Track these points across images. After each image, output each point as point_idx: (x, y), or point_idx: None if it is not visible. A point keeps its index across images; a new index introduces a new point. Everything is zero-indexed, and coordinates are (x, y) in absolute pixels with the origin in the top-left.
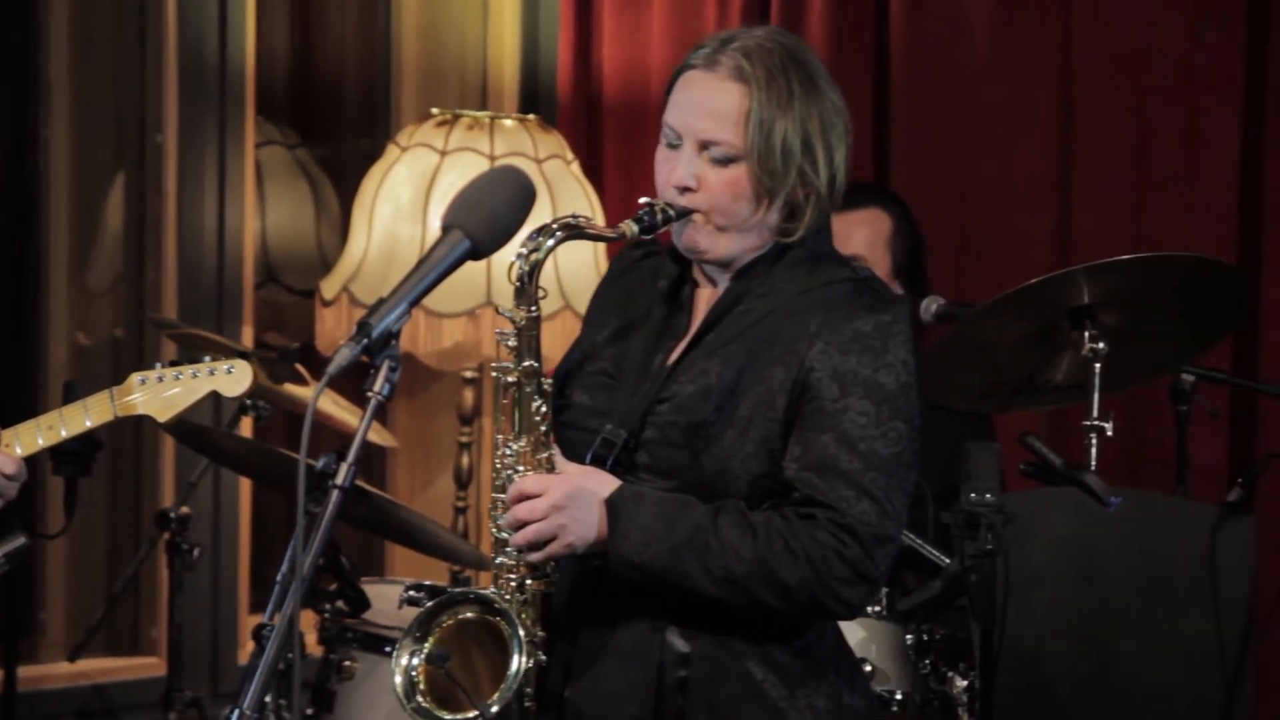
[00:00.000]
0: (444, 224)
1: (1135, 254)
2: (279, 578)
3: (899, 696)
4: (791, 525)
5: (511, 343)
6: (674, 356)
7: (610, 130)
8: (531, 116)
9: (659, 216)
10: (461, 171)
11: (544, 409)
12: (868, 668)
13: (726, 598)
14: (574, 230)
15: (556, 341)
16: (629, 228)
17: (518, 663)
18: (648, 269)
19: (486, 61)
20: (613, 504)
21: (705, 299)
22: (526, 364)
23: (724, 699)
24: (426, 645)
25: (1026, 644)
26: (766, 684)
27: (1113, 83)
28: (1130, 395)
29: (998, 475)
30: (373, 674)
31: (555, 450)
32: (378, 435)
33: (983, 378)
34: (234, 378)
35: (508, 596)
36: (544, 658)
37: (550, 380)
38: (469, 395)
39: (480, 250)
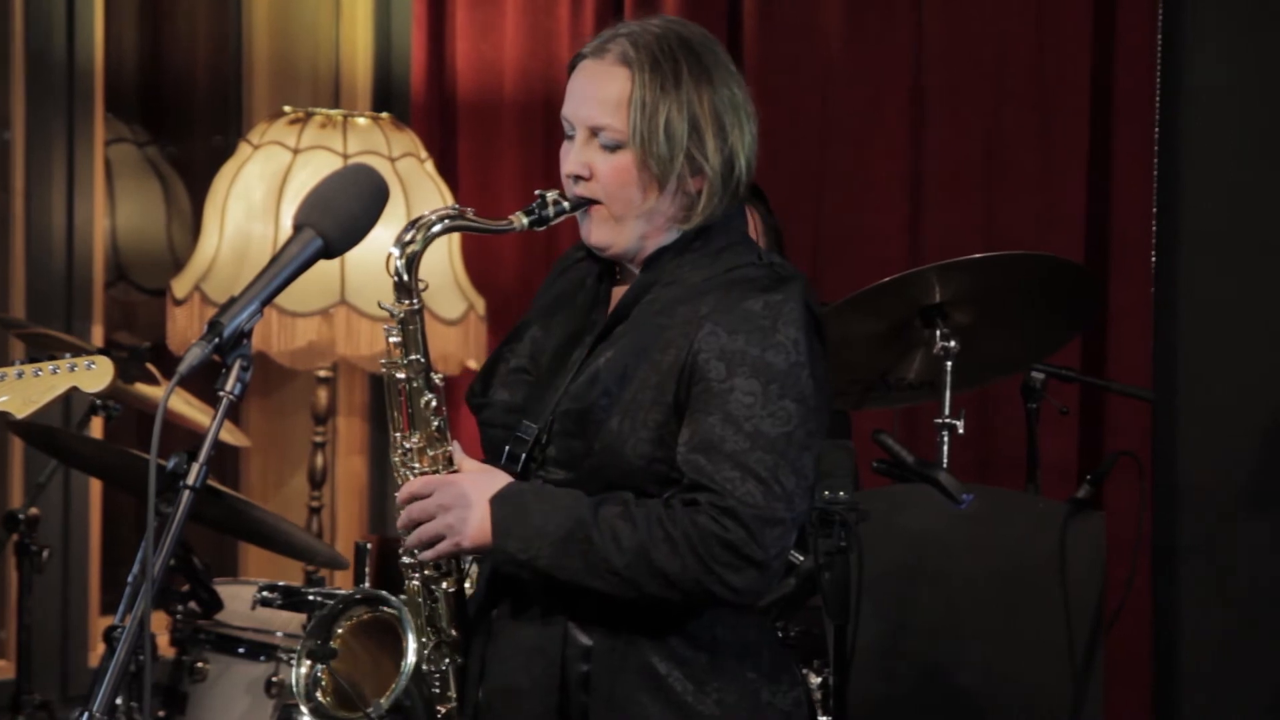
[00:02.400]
0: (296, 223)
1: (986, 253)
2: (130, 579)
3: None
4: (673, 512)
5: (395, 338)
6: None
7: (464, 128)
8: (385, 115)
9: (550, 209)
10: (314, 170)
11: (434, 402)
12: None
13: (613, 591)
14: (456, 221)
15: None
16: (519, 220)
17: (407, 661)
18: (584, 269)
19: (339, 59)
20: (497, 503)
21: (620, 293)
22: (412, 358)
23: (625, 693)
24: (331, 645)
25: (880, 641)
26: (671, 678)
27: (963, 84)
28: (981, 393)
29: (852, 473)
30: (225, 675)
31: (455, 445)
32: (230, 435)
33: (836, 375)
34: (95, 374)
35: (419, 598)
36: (460, 660)
37: (441, 374)
38: (323, 395)
39: (332, 249)
